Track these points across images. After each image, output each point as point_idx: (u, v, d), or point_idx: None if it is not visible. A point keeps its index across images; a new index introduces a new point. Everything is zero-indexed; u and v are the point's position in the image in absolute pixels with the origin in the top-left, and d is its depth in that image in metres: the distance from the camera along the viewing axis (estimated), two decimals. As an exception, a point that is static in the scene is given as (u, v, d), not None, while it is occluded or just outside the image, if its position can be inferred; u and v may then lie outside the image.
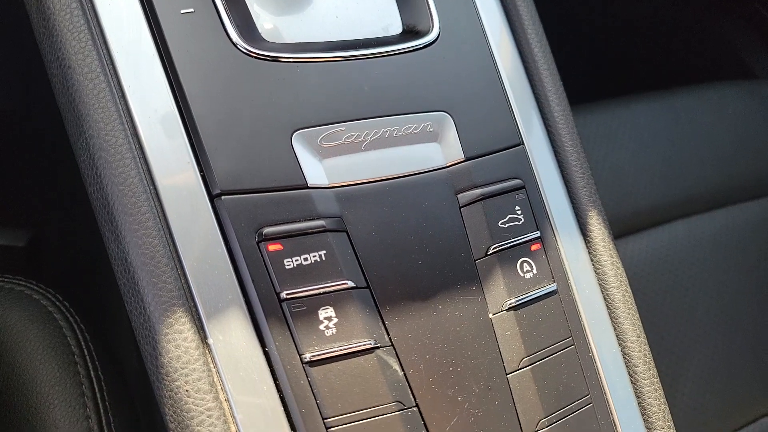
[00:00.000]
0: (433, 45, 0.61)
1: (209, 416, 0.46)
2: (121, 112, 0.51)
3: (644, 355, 0.60)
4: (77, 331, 0.80)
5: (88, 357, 0.78)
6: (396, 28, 0.63)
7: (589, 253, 0.62)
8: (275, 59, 0.55)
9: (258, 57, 0.55)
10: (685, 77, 1.60)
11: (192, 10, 0.54)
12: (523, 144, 0.62)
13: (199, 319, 0.48)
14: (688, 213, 1.19)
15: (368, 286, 0.51)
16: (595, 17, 1.80)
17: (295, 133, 0.53)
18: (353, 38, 0.61)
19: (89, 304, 1.04)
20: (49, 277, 1.24)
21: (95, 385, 0.75)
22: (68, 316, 0.81)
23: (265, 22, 0.59)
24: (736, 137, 1.29)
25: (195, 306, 0.48)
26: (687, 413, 1.05)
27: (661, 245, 1.13)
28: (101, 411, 0.74)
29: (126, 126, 0.50)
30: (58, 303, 0.82)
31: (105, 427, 0.72)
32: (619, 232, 1.12)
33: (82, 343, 0.79)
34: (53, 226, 1.26)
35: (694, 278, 1.13)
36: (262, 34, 0.58)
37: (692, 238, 1.16)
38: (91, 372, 0.77)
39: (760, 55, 1.61)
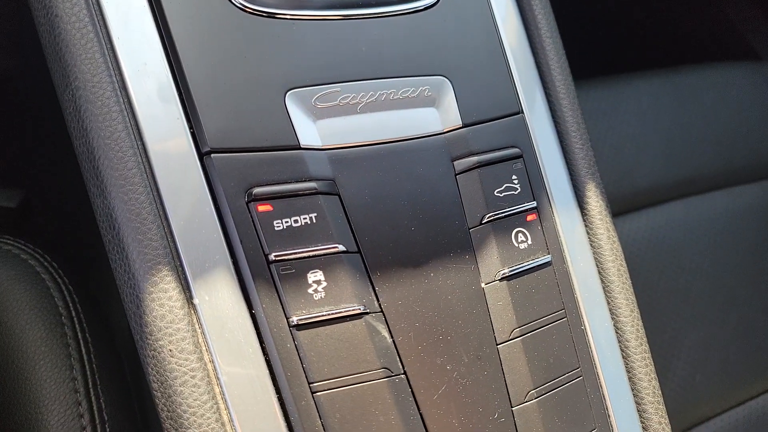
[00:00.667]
0: (435, 7, 0.60)
1: (192, 377, 0.45)
2: (110, 65, 0.49)
3: (637, 330, 0.59)
4: (65, 291, 0.79)
5: (75, 318, 0.77)
6: None
7: (586, 226, 0.61)
8: (271, 15, 0.53)
9: (253, 12, 0.53)
10: (689, 57, 1.58)
11: None
12: (522, 113, 0.61)
13: (185, 278, 0.46)
14: (687, 193, 1.18)
15: (359, 251, 0.50)
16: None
17: (288, 93, 0.52)
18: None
19: (79, 264, 1.03)
20: (40, 238, 1.23)
21: (82, 347, 0.75)
22: (56, 276, 0.80)
23: None
24: (739, 119, 1.27)
25: (181, 265, 0.46)
26: (679, 392, 1.05)
27: (659, 225, 1.12)
28: (87, 372, 0.73)
29: (114, 79, 0.49)
30: (45, 263, 0.81)
31: (91, 388, 0.72)
32: (617, 211, 1.11)
33: (70, 304, 0.78)
34: (44, 186, 1.25)
35: (691, 259, 1.12)
36: None
37: (690, 218, 1.15)
38: (78, 333, 0.76)
39: (764, 35, 1.59)
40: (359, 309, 0.49)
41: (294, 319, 0.47)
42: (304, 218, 0.49)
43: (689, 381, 1.05)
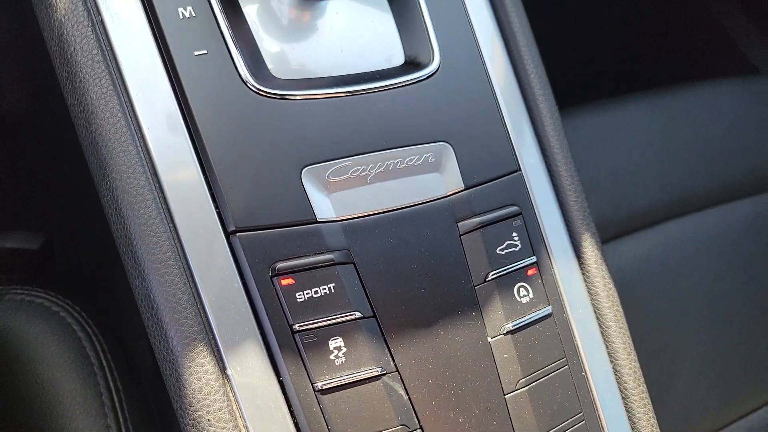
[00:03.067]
0: (434, 76, 0.64)
1: (230, 443, 0.50)
2: (142, 155, 0.54)
3: (634, 371, 0.64)
4: (95, 342, 0.84)
5: (107, 368, 0.82)
6: (398, 58, 0.66)
7: (583, 274, 0.66)
8: (283, 97, 0.58)
9: (268, 95, 0.57)
10: (687, 73, 1.62)
11: (205, 51, 0.57)
12: (520, 170, 0.65)
13: (219, 351, 0.51)
14: (682, 212, 1.22)
15: (374, 315, 0.55)
16: (595, 11, 1.82)
17: (304, 170, 0.56)
18: (357, 71, 0.63)
19: (101, 304, 1.08)
20: (61, 279, 1.28)
21: (114, 396, 0.80)
22: (86, 327, 0.85)
23: (274, 58, 0.61)
24: (731, 135, 1.31)
25: (214, 339, 0.51)
26: (682, 409, 1.10)
27: (655, 246, 1.16)
28: (120, 420, 0.78)
29: (146, 167, 0.54)
30: (75, 314, 0.86)
31: (125, 437, 0.76)
32: (615, 234, 1.16)
33: (101, 354, 0.83)
34: (64, 228, 1.30)
35: (687, 278, 1.16)
36: (272, 71, 0.61)
37: (686, 238, 1.20)
38: (110, 383, 0.81)
39: (759, 46, 1.63)
40: (377, 371, 0.53)
41: (318, 385, 0.51)
42: (324, 288, 0.54)
43: (691, 397, 1.09)
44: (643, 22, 1.72)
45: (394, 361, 0.54)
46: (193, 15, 0.58)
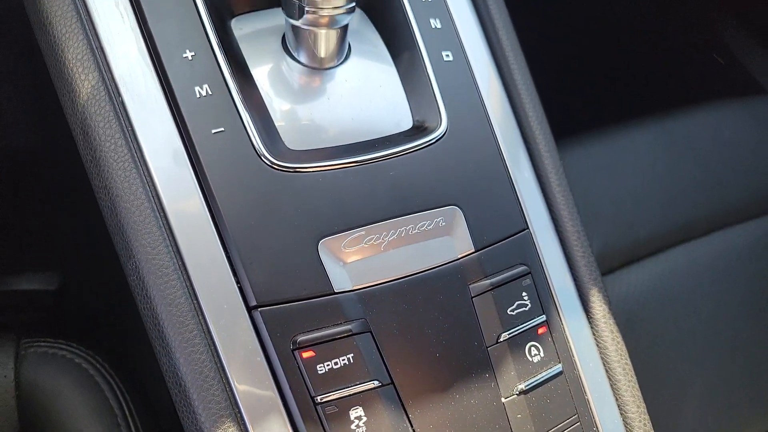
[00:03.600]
0: (442, 139, 0.66)
1: None
2: (166, 235, 0.56)
3: (644, 423, 0.66)
4: (118, 393, 0.86)
5: (129, 418, 0.85)
6: (407, 122, 0.68)
7: (592, 328, 0.68)
8: (297, 170, 0.60)
9: (283, 170, 0.60)
10: (688, 90, 1.63)
11: (222, 129, 0.60)
12: (527, 228, 0.68)
13: (245, 424, 0.53)
14: (686, 238, 1.24)
15: (392, 383, 0.57)
16: (597, 30, 1.84)
17: (320, 242, 0.59)
18: (368, 138, 0.66)
19: (117, 343, 1.10)
20: (78, 318, 1.30)
21: (137, 447, 0.82)
22: (108, 378, 0.87)
23: (287, 128, 0.64)
24: (733, 158, 1.33)
25: (240, 414, 0.53)
26: (689, 435, 1.12)
27: (661, 273, 1.18)
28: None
29: (170, 248, 0.56)
30: (98, 366, 0.89)
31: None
32: (620, 263, 1.18)
33: (123, 405, 0.85)
34: (80, 267, 1.32)
35: (693, 305, 1.18)
36: (286, 142, 0.63)
37: (691, 264, 1.21)
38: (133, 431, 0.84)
39: (765, 65, 1.65)
40: (396, 439, 0.55)
41: (341, 455, 0.54)
42: (343, 359, 0.56)
43: (700, 423, 1.11)
44: (647, 43, 1.74)
45: (412, 426, 0.57)
46: (210, 93, 0.60)
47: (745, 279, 1.24)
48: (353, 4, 0.62)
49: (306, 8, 0.61)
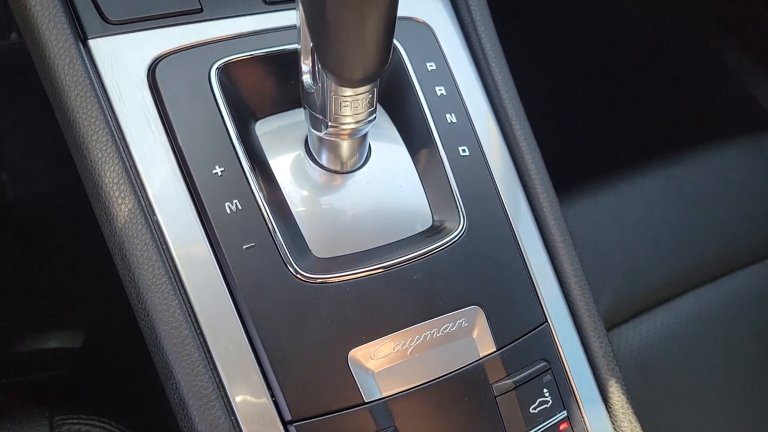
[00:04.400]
0: (462, 238, 0.69)
1: None
2: (204, 356, 0.59)
3: None
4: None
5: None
6: (427, 220, 0.71)
7: (610, 417, 0.70)
8: (325, 281, 0.63)
9: (312, 281, 0.62)
10: (703, 127, 1.65)
11: (253, 244, 0.62)
12: (546, 321, 0.70)
13: None
14: (697, 284, 1.26)
15: None
16: (607, 69, 1.86)
17: (350, 354, 0.61)
18: (390, 240, 0.68)
19: (145, 418, 1.13)
20: (103, 378, 1.33)
21: None
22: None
23: (314, 236, 0.67)
24: (740, 200, 1.35)
25: None
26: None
27: (673, 322, 1.21)
28: None
29: (208, 367, 0.59)
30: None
31: None
32: (632, 313, 1.20)
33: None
34: (105, 327, 1.35)
35: (706, 352, 1.20)
36: (312, 249, 0.66)
37: (701, 310, 1.24)
38: None
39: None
40: None
41: None
42: (376, 469, 0.59)
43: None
44: (651, 77, 1.76)
45: None
46: (240, 208, 0.63)
47: (756, 323, 1.26)
48: (375, 116, 0.64)
49: (329, 123, 0.64)
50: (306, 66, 0.63)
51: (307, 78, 0.63)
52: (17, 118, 1.77)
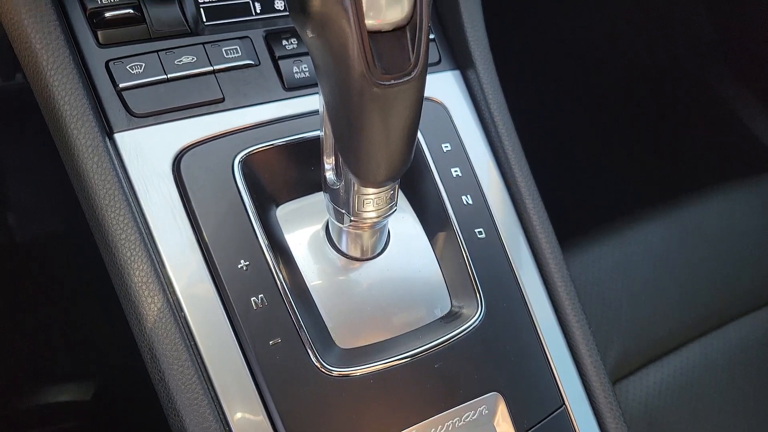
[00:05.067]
0: (481, 324, 0.70)
1: None
2: None
3: None
4: None
5: None
6: (446, 305, 0.73)
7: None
8: (350, 374, 0.64)
9: (337, 375, 0.64)
10: (709, 171, 1.66)
11: (279, 340, 0.64)
12: (564, 404, 0.72)
13: None
14: (703, 332, 1.28)
15: None
16: (617, 113, 1.88)
17: (375, 449, 0.63)
18: (411, 327, 0.70)
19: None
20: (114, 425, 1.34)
21: None
22: None
23: (336, 326, 0.68)
24: (744, 245, 1.37)
25: None
26: None
27: (679, 372, 1.22)
28: None
29: None
30: None
31: None
32: (640, 364, 1.21)
33: None
34: (116, 378, 1.36)
35: (713, 400, 1.22)
36: (335, 339, 0.67)
37: (708, 358, 1.25)
38: None
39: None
40: None
41: None
42: None
43: None
44: (659, 122, 1.78)
45: None
46: (265, 303, 0.64)
47: (762, 369, 1.28)
48: (395, 208, 0.66)
49: (352, 218, 0.65)
50: (329, 164, 0.64)
51: (330, 174, 0.65)
52: (23, 159, 1.78)
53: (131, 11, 0.71)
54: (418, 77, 0.51)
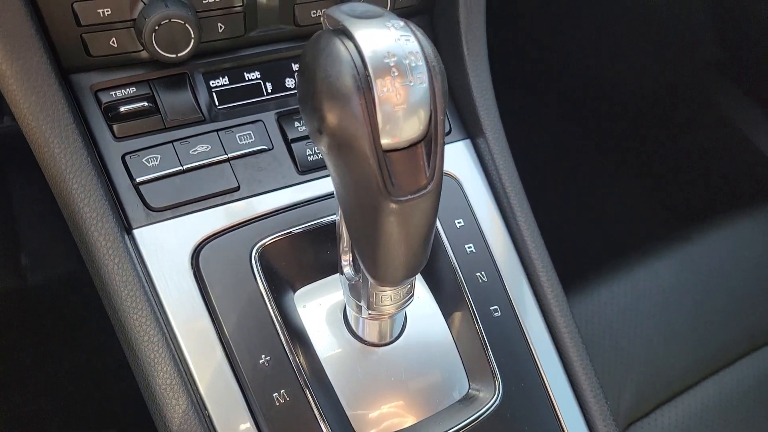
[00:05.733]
0: (499, 405, 0.71)
1: None
2: None
3: None
4: None
5: None
6: (463, 386, 0.73)
7: None
8: None
9: None
10: (726, 199, 1.66)
11: (288, 399, 0.65)
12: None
13: None
14: (716, 369, 1.28)
15: None
16: (630, 140, 1.88)
17: None
18: (429, 412, 0.71)
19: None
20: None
21: None
22: None
23: (357, 415, 0.69)
24: (756, 277, 1.37)
25: None
26: None
27: (693, 412, 1.23)
28: None
29: None
30: None
31: None
32: (654, 405, 1.22)
33: None
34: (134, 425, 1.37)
35: (728, 440, 1.22)
36: (357, 430, 0.68)
37: (721, 396, 1.26)
38: None
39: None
40: None
41: None
42: None
43: None
44: (665, 147, 1.78)
45: None
46: (287, 399, 0.65)
47: (775, 406, 1.28)
48: (413, 300, 0.67)
49: (370, 312, 0.66)
50: (346, 260, 0.65)
51: (347, 269, 0.66)
52: (33, 201, 1.79)
53: (146, 104, 0.72)
54: (434, 190, 0.51)
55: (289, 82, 0.80)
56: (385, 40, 0.47)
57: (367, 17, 0.49)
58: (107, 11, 0.67)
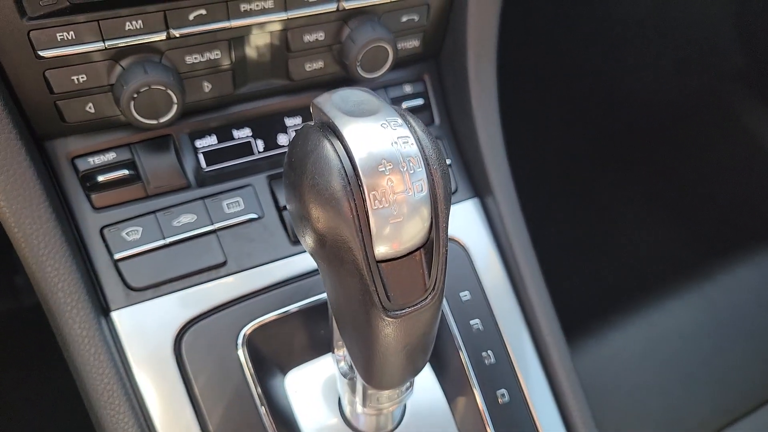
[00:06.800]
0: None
1: None
2: None
3: None
4: None
5: None
6: None
7: None
8: None
9: None
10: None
11: None
12: None
13: None
14: (736, 418, 1.22)
15: None
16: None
17: None
18: None
19: None
20: None
21: None
22: None
23: None
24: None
25: None
26: None
27: (712, 464, 1.17)
28: None
29: None
30: None
31: None
32: (671, 458, 1.16)
33: None
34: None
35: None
36: None
37: (741, 448, 1.20)
38: None
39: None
40: None
41: None
42: None
43: None
44: (693, 170, 1.71)
45: None
46: None
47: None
48: (411, 393, 0.61)
49: (366, 411, 0.61)
50: (339, 355, 0.60)
51: (342, 365, 0.60)
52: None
53: (126, 172, 0.67)
54: (436, 300, 0.46)
55: (281, 139, 0.75)
56: (380, 144, 0.41)
57: (360, 114, 0.43)
58: (82, 77, 0.62)
